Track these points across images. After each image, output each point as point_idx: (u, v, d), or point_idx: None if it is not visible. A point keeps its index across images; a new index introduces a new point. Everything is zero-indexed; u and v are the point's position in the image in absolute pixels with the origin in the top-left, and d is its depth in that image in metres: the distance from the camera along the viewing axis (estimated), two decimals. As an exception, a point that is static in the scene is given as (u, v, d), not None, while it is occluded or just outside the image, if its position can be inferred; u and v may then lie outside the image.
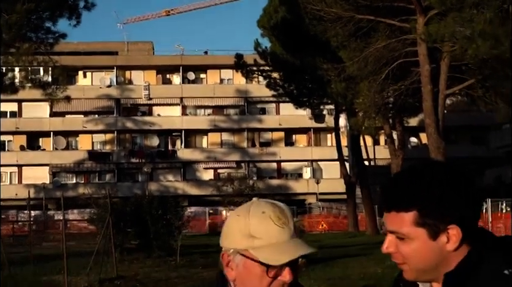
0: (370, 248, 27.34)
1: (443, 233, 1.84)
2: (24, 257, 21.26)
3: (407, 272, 1.93)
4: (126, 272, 19.42)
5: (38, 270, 19.89)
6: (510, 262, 1.81)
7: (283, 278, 1.89)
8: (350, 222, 50.57)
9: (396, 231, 1.89)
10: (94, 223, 26.87)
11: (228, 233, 1.97)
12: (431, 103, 28.35)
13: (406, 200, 1.85)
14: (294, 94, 46.37)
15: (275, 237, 1.89)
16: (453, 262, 1.87)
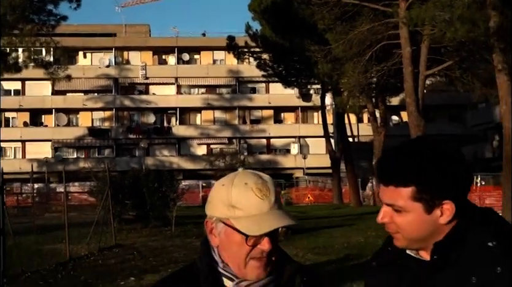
0: (353, 219, 27.49)
1: (438, 208, 1.85)
2: (28, 227, 21.27)
3: (400, 240, 1.93)
4: (124, 241, 19.47)
5: (41, 239, 19.93)
6: (494, 235, 1.83)
7: (262, 246, 1.88)
8: (334, 194, 50.72)
9: (393, 204, 1.89)
10: (94, 195, 26.87)
11: (211, 202, 1.96)
12: (412, 83, 28.36)
13: (405, 176, 1.85)
14: (283, 74, 46.34)
15: (255, 208, 1.88)
16: (443, 233, 1.88)
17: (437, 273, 1.88)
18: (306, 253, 16.06)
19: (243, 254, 1.88)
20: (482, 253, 1.82)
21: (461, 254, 1.85)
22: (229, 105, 70.88)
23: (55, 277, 13.09)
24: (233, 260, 1.91)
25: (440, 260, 1.87)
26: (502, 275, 1.77)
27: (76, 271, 13.81)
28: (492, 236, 1.84)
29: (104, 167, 25.11)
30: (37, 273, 13.61)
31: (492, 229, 1.86)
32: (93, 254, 16.57)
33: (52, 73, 38.61)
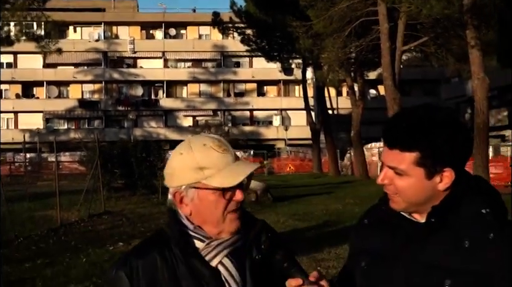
0: (332, 188, 27.63)
1: (438, 174, 1.86)
2: (21, 195, 21.23)
3: (398, 203, 1.93)
4: (113, 208, 19.49)
5: (34, 206, 19.91)
6: (488, 204, 1.85)
7: (236, 198, 1.91)
8: (314, 164, 50.89)
9: (395, 167, 1.89)
10: (84, 164, 26.84)
11: (174, 173, 1.96)
12: (389, 58, 28.41)
13: (411, 141, 1.85)
14: (266, 49, 46.22)
15: (222, 163, 1.90)
16: (440, 198, 1.89)
17: (431, 235, 1.88)
18: (287, 219, 16.14)
19: (220, 210, 1.90)
20: (475, 219, 1.84)
21: (455, 219, 1.86)
22: (214, 79, 70.74)
23: (47, 242, 13.09)
24: (211, 220, 1.92)
25: (436, 223, 1.87)
26: (494, 241, 1.79)
27: (67, 237, 13.81)
28: (485, 204, 1.86)
29: (93, 137, 24.99)
30: (29, 238, 13.60)
31: (485, 197, 1.88)
32: (83, 221, 16.58)
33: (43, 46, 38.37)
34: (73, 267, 10.08)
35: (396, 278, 1.91)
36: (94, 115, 69.20)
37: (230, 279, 1.92)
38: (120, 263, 1.96)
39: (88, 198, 18.39)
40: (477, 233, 1.81)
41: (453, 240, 1.84)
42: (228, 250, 1.93)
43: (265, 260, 1.97)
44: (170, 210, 2.01)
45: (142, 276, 1.91)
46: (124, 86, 70.86)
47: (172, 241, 1.95)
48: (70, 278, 9.16)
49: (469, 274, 1.79)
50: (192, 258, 1.92)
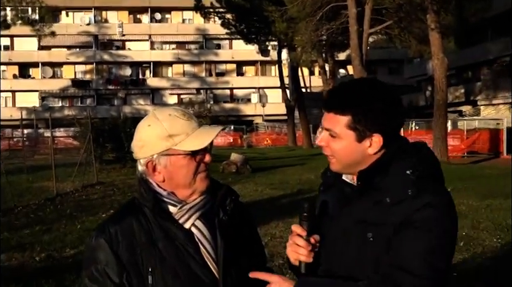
0: (306, 159, 27.73)
1: (367, 139, 1.90)
2: (19, 168, 21.08)
3: (334, 164, 1.98)
4: (105, 179, 19.43)
5: (31, 178, 19.78)
6: (413, 165, 1.88)
7: (205, 160, 1.96)
8: (289, 138, 51.02)
9: (330, 129, 1.93)
10: (78, 139, 26.67)
11: (144, 144, 1.97)
12: (357, 40, 28.44)
13: (344, 105, 1.89)
14: (245, 32, 46.08)
15: (189, 129, 1.94)
16: (370, 161, 1.93)
17: (362, 195, 1.92)
18: (265, 188, 16.21)
19: (191, 172, 1.94)
20: (399, 179, 1.87)
21: (383, 180, 1.89)
22: (197, 60, 70.41)
23: (44, 211, 13.06)
24: (183, 183, 1.95)
25: (363, 185, 1.92)
26: (412, 196, 1.82)
27: (62, 206, 13.78)
28: (411, 165, 1.88)
29: (86, 114, 24.82)
30: (28, 207, 13.56)
31: (413, 160, 1.90)
32: (77, 191, 16.53)
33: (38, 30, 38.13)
34: (68, 233, 10.09)
35: (336, 234, 1.96)
36: (87, 94, 68.73)
37: (203, 239, 1.95)
38: (99, 230, 1.97)
39: (81, 170, 18.32)
40: (398, 190, 1.85)
41: (378, 198, 1.88)
42: (200, 212, 1.97)
43: (231, 220, 2.01)
44: (142, 180, 2.01)
45: (121, 241, 1.92)
46: (113, 67, 70.33)
47: (147, 207, 1.96)
48: (66, 243, 9.18)
49: (388, 226, 1.84)
50: (166, 222, 1.94)
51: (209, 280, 1.93)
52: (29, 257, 8.28)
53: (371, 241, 1.86)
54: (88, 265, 1.94)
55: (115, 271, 1.89)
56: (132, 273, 1.90)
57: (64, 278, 6.90)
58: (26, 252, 8.58)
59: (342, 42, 36.20)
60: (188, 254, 1.92)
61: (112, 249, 1.90)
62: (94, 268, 1.91)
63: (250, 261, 2.02)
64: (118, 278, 1.89)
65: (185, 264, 1.91)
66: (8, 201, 13.64)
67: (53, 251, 8.66)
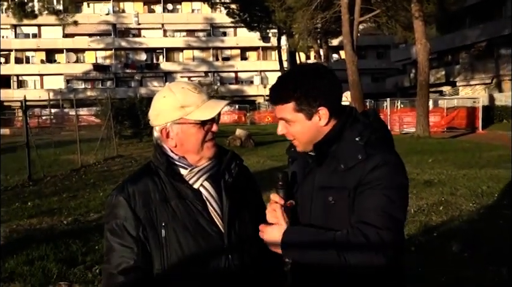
0: (302, 134, 27.66)
1: (316, 114, 1.93)
2: (48, 143, 21.12)
3: (298, 145, 2.03)
4: (124, 152, 19.49)
5: (59, 152, 19.86)
6: (360, 132, 1.92)
7: (212, 129, 2.00)
8: (288, 116, 50.95)
9: (283, 117, 1.97)
10: (99, 117, 26.69)
11: (159, 113, 2.00)
12: (348, 28, 28.31)
13: (284, 96, 1.94)
14: (248, 21, 45.90)
15: (199, 101, 1.97)
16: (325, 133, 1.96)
17: (322, 164, 1.97)
18: (266, 160, 16.24)
19: (200, 140, 1.98)
20: (350, 146, 1.91)
21: (337, 149, 1.94)
22: (205, 46, 70.03)
23: (70, 180, 13.13)
24: (193, 149, 1.99)
25: (318, 155, 1.96)
26: (362, 160, 1.86)
27: (86, 176, 13.84)
28: (359, 132, 1.92)
29: (106, 95, 24.81)
30: (55, 177, 13.62)
31: (360, 127, 1.94)
32: (99, 163, 16.59)
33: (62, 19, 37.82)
34: (92, 199, 10.14)
35: (302, 199, 2.01)
36: (107, 77, 68.50)
37: (210, 198, 1.98)
38: (118, 190, 2.00)
39: (103, 145, 18.36)
40: (350, 156, 1.89)
41: (333, 165, 1.93)
42: (207, 175, 2.00)
43: (236, 182, 2.04)
44: (157, 145, 2.04)
45: (137, 199, 1.95)
46: (130, 53, 70.00)
47: (161, 169, 1.99)
48: (90, 208, 9.23)
49: (344, 189, 1.88)
50: (178, 182, 1.97)
51: (215, 233, 1.96)
52: (57, 221, 8.33)
53: (332, 204, 1.90)
54: (109, 220, 1.97)
55: (132, 226, 1.93)
56: (148, 227, 1.93)
57: (88, 238, 6.94)
58: (55, 217, 8.63)
59: (335, 29, 36.02)
60: (197, 210, 1.95)
61: (130, 206, 1.94)
62: (114, 223, 1.95)
63: (253, 217, 2.05)
64: (135, 232, 1.92)
65: (194, 219, 1.94)
66: (38, 172, 13.70)
67: (79, 215, 8.72)
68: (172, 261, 1.93)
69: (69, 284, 5.36)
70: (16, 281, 5.43)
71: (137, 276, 1.91)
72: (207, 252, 1.94)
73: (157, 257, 1.93)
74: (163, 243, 1.93)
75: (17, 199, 10.38)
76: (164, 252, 1.93)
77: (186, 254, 1.92)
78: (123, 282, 1.91)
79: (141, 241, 1.92)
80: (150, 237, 1.93)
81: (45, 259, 6.10)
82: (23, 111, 14.53)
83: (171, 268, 1.93)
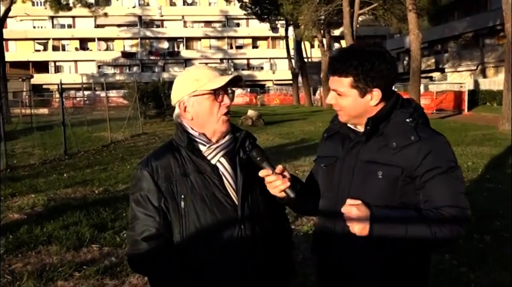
0: (307, 115, 27.70)
1: (369, 93, 1.85)
2: (81, 121, 21.18)
3: (342, 117, 1.94)
4: (148, 130, 19.51)
5: (91, 129, 19.90)
6: (410, 115, 1.86)
7: (225, 102, 1.95)
8: (294, 98, 50.90)
9: (336, 89, 1.88)
10: (127, 99, 26.59)
11: (177, 89, 1.99)
12: (349, 19, 28.02)
13: (345, 68, 1.84)
14: (259, 13, 45.58)
15: (211, 75, 1.95)
16: (373, 112, 1.88)
17: (369, 140, 1.89)
18: (275, 138, 16.22)
19: (215, 112, 1.94)
20: (401, 126, 1.84)
21: (386, 127, 1.87)
22: (220, 36, 69.73)
23: (101, 154, 13.17)
24: (208, 122, 1.96)
25: (370, 129, 1.87)
26: (414, 142, 1.80)
27: (115, 151, 13.88)
28: (409, 115, 1.86)
29: (133, 79, 24.80)
30: (88, 152, 13.67)
31: (410, 111, 1.88)
32: (127, 139, 16.63)
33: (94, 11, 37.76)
34: (120, 172, 10.16)
35: (345, 172, 1.92)
36: (133, 63, 68.48)
37: (226, 173, 1.95)
38: (143, 164, 1.99)
39: (130, 123, 18.41)
40: (402, 136, 1.82)
41: (384, 142, 1.85)
42: (224, 151, 1.97)
43: (249, 159, 1.98)
44: (178, 124, 2.02)
45: (160, 173, 1.94)
46: (154, 41, 69.87)
47: (182, 145, 1.97)
48: (119, 180, 9.25)
49: (395, 166, 1.81)
50: (197, 158, 1.94)
51: (229, 206, 1.93)
52: (89, 191, 8.35)
53: (380, 179, 1.83)
54: (134, 191, 1.97)
55: (155, 198, 1.92)
56: (169, 199, 1.92)
57: (117, 206, 6.96)
58: (88, 187, 8.65)
59: (337, 20, 35.62)
60: (214, 184, 1.93)
61: (153, 179, 1.93)
62: (139, 195, 1.94)
63: (263, 191, 1.99)
64: (158, 203, 1.92)
65: (211, 192, 1.92)
66: (73, 147, 13.75)
67: (109, 185, 8.73)
68: (190, 230, 1.91)
69: (100, 247, 5.36)
70: (53, 243, 5.45)
71: (159, 243, 1.90)
72: (222, 223, 1.91)
73: (176, 226, 1.92)
74: (182, 214, 1.91)
75: (54, 171, 10.43)
76: (183, 222, 1.91)
77: (203, 224, 1.90)
78: (146, 248, 1.90)
79: (163, 211, 1.92)
80: (170, 207, 1.92)
81: (78, 224, 6.12)
82: (59, 93, 14.53)
83: (189, 236, 1.91)
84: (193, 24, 70.12)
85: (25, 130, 17.98)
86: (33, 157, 12.55)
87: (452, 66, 44.76)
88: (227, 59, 69.30)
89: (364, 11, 31.22)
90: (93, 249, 5.30)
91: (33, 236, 5.68)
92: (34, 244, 5.40)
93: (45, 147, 14.10)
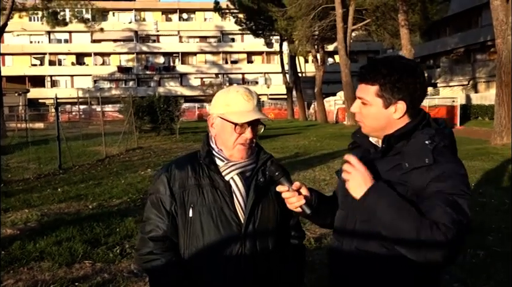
0: (301, 129, 27.71)
1: (393, 105, 1.81)
2: (76, 135, 21.09)
3: (364, 127, 1.90)
4: (144, 144, 19.45)
5: (86, 143, 19.83)
6: (431, 136, 1.77)
7: (245, 135, 1.98)
8: (288, 113, 50.97)
9: (362, 97, 1.85)
10: (122, 113, 26.56)
11: (213, 104, 2.04)
12: (342, 35, 28.17)
13: (372, 76, 1.82)
14: (253, 28, 45.75)
15: (242, 106, 1.96)
16: (395, 128, 1.83)
17: (385, 157, 1.84)
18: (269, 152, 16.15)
19: (232, 140, 2.00)
20: (419, 147, 1.77)
21: (405, 147, 1.81)
22: (216, 51, 69.96)
23: (96, 169, 13.08)
24: (225, 144, 2.01)
25: (386, 147, 1.83)
26: (428, 165, 1.73)
27: (110, 165, 13.79)
28: (430, 136, 1.79)
29: (128, 94, 24.80)
30: (83, 166, 13.58)
31: (431, 132, 1.80)
32: (122, 153, 16.55)
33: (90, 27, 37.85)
34: (115, 186, 10.07)
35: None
36: (129, 78, 68.55)
37: (237, 191, 1.99)
38: (164, 169, 2.09)
39: (125, 138, 18.34)
40: (417, 157, 1.75)
41: (398, 161, 1.79)
42: (240, 170, 2.01)
43: (268, 184, 2.02)
44: (206, 136, 2.09)
45: (176, 179, 2.02)
46: (150, 56, 70.02)
47: (201, 157, 2.03)
48: (113, 195, 9.16)
49: (405, 187, 1.74)
50: (213, 172, 2.01)
51: (234, 223, 1.97)
52: (83, 206, 8.27)
53: None
54: (152, 193, 2.08)
55: (168, 201, 2.02)
56: (179, 205, 2.01)
57: (110, 221, 6.88)
58: (82, 202, 8.57)
59: (331, 36, 35.81)
60: (224, 199, 1.98)
61: (169, 184, 2.02)
62: (154, 196, 2.05)
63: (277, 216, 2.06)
64: (169, 207, 2.02)
65: (219, 206, 1.98)
66: (67, 161, 13.67)
67: (103, 200, 8.65)
68: (193, 239, 1.99)
69: (92, 263, 5.29)
70: (45, 259, 5.37)
71: (165, 244, 2.00)
72: (223, 238, 1.96)
73: (182, 233, 2.01)
74: (189, 222, 1.99)
75: (48, 186, 10.34)
76: (188, 230, 1.99)
77: (206, 235, 1.97)
78: (151, 247, 2.01)
79: (172, 215, 2.01)
80: (179, 213, 2.01)
81: (71, 240, 6.04)
82: (55, 108, 14.47)
83: (191, 244, 1.99)
84: (189, 39, 70.37)
85: (20, 145, 17.89)
86: (28, 171, 12.45)
87: (444, 81, 45.01)
88: (222, 73, 69.49)
89: (358, 27, 31.41)
90: (85, 265, 5.22)
91: (25, 252, 5.60)
92: (26, 260, 5.32)
93: (39, 161, 14.01)
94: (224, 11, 48.03)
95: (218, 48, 69.76)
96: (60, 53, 66.80)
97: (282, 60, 49.15)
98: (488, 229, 6.21)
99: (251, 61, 71.18)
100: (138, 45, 68.74)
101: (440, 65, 47.36)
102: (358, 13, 29.57)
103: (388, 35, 31.35)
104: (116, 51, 68.13)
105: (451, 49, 45.00)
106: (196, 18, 70.81)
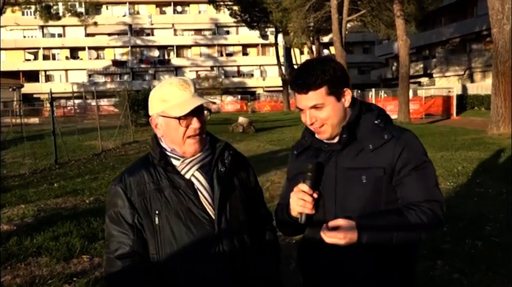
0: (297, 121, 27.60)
1: (343, 96, 1.89)
2: (72, 130, 21.02)
3: (326, 131, 1.91)
4: (139, 138, 19.40)
5: (82, 138, 19.79)
6: (377, 116, 1.91)
7: (192, 125, 1.86)
8: (284, 105, 50.91)
9: (315, 104, 1.86)
10: (117, 107, 26.52)
11: (151, 104, 1.92)
12: (338, 26, 28.09)
13: (317, 81, 1.84)
14: (248, 21, 45.62)
15: (180, 97, 1.85)
16: (346, 118, 1.91)
17: (345, 148, 1.89)
18: (266, 144, 16.19)
19: (181, 135, 1.87)
20: (372, 128, 1.89)
21: (358, 132, 1.90)
22: (210, 43, 69.75)
23: (92, 163, 13.05)
24: (175, 142, 1.90)
25: (348, 137, 1.88)
26: (388, 140, 1.86)
27: (106, 159, 13.77)
28: (376, 117, 1.91)
29: (123, 87, 24.69)
30: (79, 161, 13.56)
31: (375, 113, 1.93)
32: (118, 147, 16.52)
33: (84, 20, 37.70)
34: (111, 180, 10.02)
35: (327, 182, 1.90)
36: (124, 71, 68.31)
37: (201, 188, 1.89)
38: (117, 180, 1.93)
39: (121, 132, 18.30)
40: (376, 137, 1.86)
41: (360, 147, 1.87)
42: (198, 165, 1.91)
43: (229, 171, 1.95)
44: (153, 136, 1.98)
45: (133, 188, 1.88)
46: (145, 50, 69.76)
47: (155, 160, 1.91)
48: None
49: (376, 168, 1.84)
50: (171, 173, 1.89)
51: (206, 221, 1.87)
52: (80, 200, 8.26)
53: (364, 183, 1.84)
54: (109, 208, 1.92)
55: (128, 214, 1.87)
56: (142, 215, 1.87)
57: (108, 216, 6.85)
58: (78, 197, 8.56)
59: (326, 27, 35.75)
60: (189, 199, 1.86)
61: (127, 195, 1.88)
62: (113, 211, 1.90)
63: (246, 205, 1.97)
64: (131, 219, 1.87)
65: (186, 207, 1.86)
66: (63, 156, 13.64)
67: (99, 195, 8.65)
68: (165, 247, 1.86)
69: (90, 258, 5.28)
70: (43, 255, 5.36)
71: (134, 260, 1.85)
72: (198, 239, 1.85)
73: (152, 243, 1.87)
74: (157, 230, 1.86)
75: (45, 181, 10.31)
76: (158, 239, 1.86)
77: (178, 239, 1.85)
78: (120, 266, 1.85)
79: (137, 228, 1.87)
80: (144, 224, 1.87)
81: (69, 235, 6.02)
82: (49, 103, 14.41)
83: (165, 253, 1.86)
84: (183, 32, 70.13)
85: (15, 140, 17.84)
86: (23, 167, 12.42)
87: (440, 71, 45.03)
88: (217, 66, 69.33)
89: (353, 18, 31.34)
90: (83, 260, 5.22)
91: (23, 247, 5.58)
92: (23, 256, 5.30)
93: (35, 157, 13.98)
94: (219, 3, 47.90)
95: (213, 40, 69.58)
96: (54, 47, 66.51)
97: (277, 52, 49.10)
98: (486, 219, 6.23)
99: (246, 53, 71.04)
100: (132, 38, 68.49)
101: (436, 56, 47.38)
102: (353, 4, 29.49)
103: (384, 26, 31.30)
104: (110, 45, 67.87)
105: (447, 40, 45.01)
106: (191, 11, 70.54)
